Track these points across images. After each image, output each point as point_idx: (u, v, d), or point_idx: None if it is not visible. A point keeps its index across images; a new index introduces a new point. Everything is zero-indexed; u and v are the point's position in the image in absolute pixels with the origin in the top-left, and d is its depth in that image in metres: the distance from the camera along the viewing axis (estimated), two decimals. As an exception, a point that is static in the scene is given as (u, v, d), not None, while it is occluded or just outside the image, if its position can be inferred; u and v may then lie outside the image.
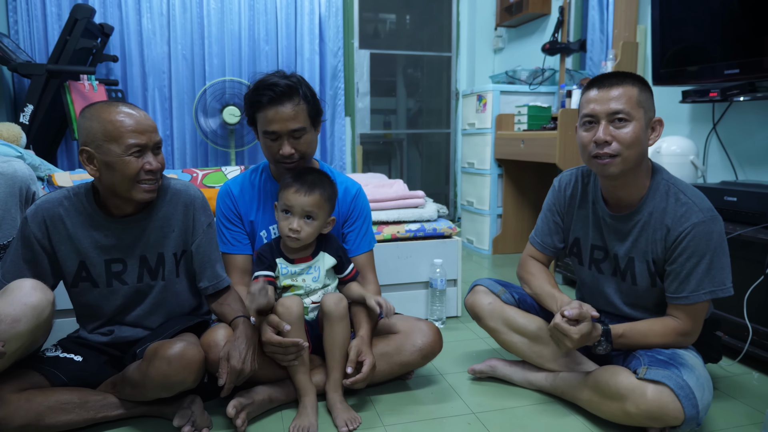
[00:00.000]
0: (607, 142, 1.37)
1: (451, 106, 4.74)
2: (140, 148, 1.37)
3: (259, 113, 1.57)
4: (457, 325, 2.29)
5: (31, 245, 1.44)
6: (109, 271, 1.49)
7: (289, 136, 1.56)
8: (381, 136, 5.06)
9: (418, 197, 2.41)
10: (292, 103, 1.55)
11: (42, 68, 3.15)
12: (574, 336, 1.35)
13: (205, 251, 1.55)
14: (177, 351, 1.33)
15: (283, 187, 1.56)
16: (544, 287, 1.61)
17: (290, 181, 1.55)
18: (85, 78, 3.28)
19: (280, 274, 1.57)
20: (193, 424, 1.42)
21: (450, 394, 1.69)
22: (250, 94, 1.57)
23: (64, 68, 3.19)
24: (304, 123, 1.57)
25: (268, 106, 1.54)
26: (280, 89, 1.53)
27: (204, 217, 1.56)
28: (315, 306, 1.60)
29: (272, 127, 1.55)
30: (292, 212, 1.54)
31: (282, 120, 1.54)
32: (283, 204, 1.55)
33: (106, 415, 1.45)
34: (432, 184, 4.97)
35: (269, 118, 1.55)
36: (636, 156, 1.37)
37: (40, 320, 1.31)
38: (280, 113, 1.54)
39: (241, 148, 3.89)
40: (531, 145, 3.09)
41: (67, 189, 1.49)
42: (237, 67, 3.94)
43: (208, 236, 1.56)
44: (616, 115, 1.36)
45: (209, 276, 1.56)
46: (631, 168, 1.39)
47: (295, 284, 1.57)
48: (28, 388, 1.37)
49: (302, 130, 1.57)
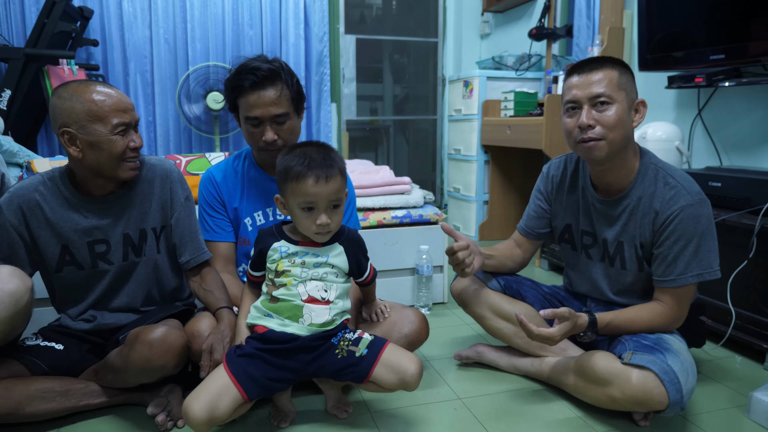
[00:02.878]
0: (591, 126, 1.37)
1: (438, 92, 4.71)
2: (125, 127, 1.37)
3: (241, 98, 1.53)
4: (444, 312, 2.28)
5: (7, 233, 1.40)
6: (93, 253, 1.46)
7: (272, 121, 1.53)
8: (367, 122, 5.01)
9: (405, 183, 2.38)
10: (275, 88, 1.51)
11: (19, 52, 3.06)
12: (557, 338, 1.36)
13: (185, 224, 1.53)
14: (159, 335, 1.31)
15: (292, 179, 1.29)
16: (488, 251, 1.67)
17: (302, 171, 1.28)
18: (64, 62, 3.19)
19: (279, 258, 1.35)
20: (169, 413, 1.41)
21: (436, 380, 1.68)
22: (232, 79, 1.53)
23: (42, 52, 3.10)
24: (287, 108, 1.54)
25: (250, 91, 1.50)
26: (262, 73, 1.49)
27: (181, 191, 1.54)
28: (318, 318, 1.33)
29: (254, 113, 1.51)
30: (317, 207, 1.29)
31: (264, 105, 1.50)
32: (302, 201, 1.29)
33: (88, 403, 1.43)
34: (419, 171, 4.95)
35: (251, 103, 1.51)
36: (621, 138, 1.37)
37: (19, 307, 1.28)
38: (262, 98, 1.50)
39: (225, 135, 3.83)
40: (517, 132, 3.07)
41: (41, 174, 1.45)
42: (221, 52, 3.86)
43: (187, 209, 1.54)
44: (597, 98, 1.36)
45: (190, 249, 1.54)
46: (617, 151, 1.39)
47: (291, 269, 1.32)
48: (7, 377, 1.34)
49: (285, 116, 1.54)
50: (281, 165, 1.33)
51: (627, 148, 1.41)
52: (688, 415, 1.46)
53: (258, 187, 1.67)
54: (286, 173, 1.30)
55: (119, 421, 1.44)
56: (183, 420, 1.39)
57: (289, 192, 1.31)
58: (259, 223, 1.67)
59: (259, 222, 1.68)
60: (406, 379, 1.30)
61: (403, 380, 1.30)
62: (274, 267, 1.33)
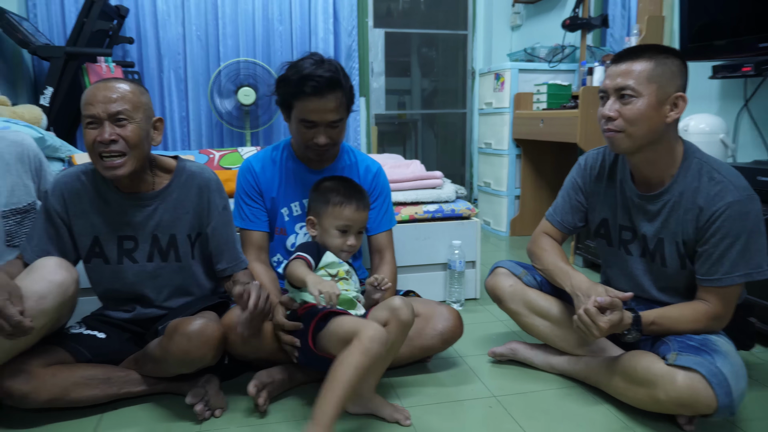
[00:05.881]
0: (611, 117, 1.35)
1: (467, 86, 4.64)
2: (92, 119, 1.33)
3: (299, 101, 1.53)
4: (476, 308, 2.25)
5: (52, 219, 1.45)
6: (121, 248, 1.48)
7: (327, 126, 1.54)
8: (395, 116, 4.98)
9: (436, 177, 2.35)
10: (334, 96, 1.52)
11: (60, 51, 3.12)
12: (604, 325, 1.30)
13: (222, 233, 1.53)
14: (197, 327, 1.32)
15: (335, 204, 1.51)
16: (557, 263, 1.56)
17: (344, 199, 1.52)
18: (102, 60, 3.25)
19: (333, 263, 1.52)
20: (206, 403, 1.42)
21: (470, 376, 1.66)
22: (293, 82, 1.51)
23: (81, 50, 3.16)
24: (343, 114, 1.56)
25: (311, 97, 1.50)
26: (324, 81, 1.49)
27: (219, 200, 1.54)
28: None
29: (312, 117, 1.53)
30: (350, 230, 1.52)
31: (323, 112, 1.52)
32: (342, 224, 1.51)
33: (129, 391, 1.46)
34: (447, 165, 4.89)
35: (310, 108, 1.52)
36: (644, 133, 1.33)
37: (65, 297, 1.33)
38: (322, 105, 1.51)
39: (256, 129, 3.84)
40: (551, 125, 3.01)
41: (84, 164, 1.49)
42: (251, 48, 3.88)
43: (224, 218, 1.54)
44: (622, 90, 1.33)
45: (227, 258, 1.55)
46: (642, 145, 1.35)
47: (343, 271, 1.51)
48: (54, 363, 1.38)
49: (340, 121, 1.56)
50: (322, 193, 1.54)
51: (658, 143, 1.36)
52: (737, 421, 1.40)
53: (296, 178, 1.68)
54: (327, 201, 1.52)
55: (158, 408, 1.47)
56: (220, 410, 1.42)
57: (327, 214, 1.52)
58: (295, 214, 1.68)
59: (296, 213, 1.68)
60: (391, 305, 1.38)
61: (391, 306, 1.38)
62: (335, 271, 1.49)
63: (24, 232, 1.52)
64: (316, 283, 1.33)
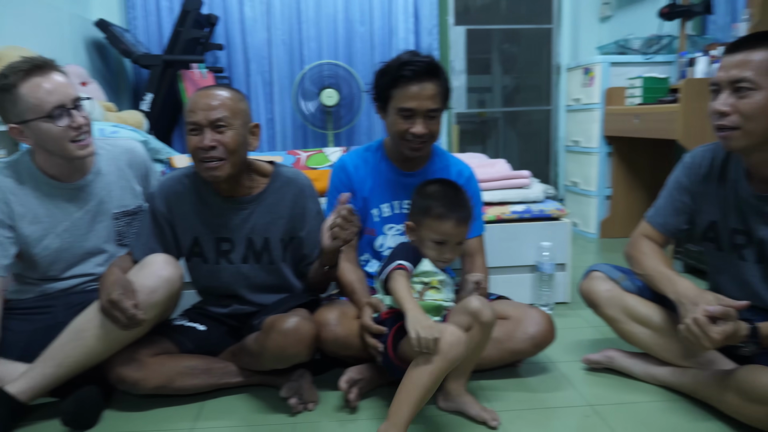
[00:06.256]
0: (725, 113, 1.25)
1: (552, 82, 4.50)
2: (194, 126, 1.41)
3: (398, 89, 1.53)
4: (566, 312, 2.18)
5: (157, 219, 1.55)
6: (218, 249, 1.56)
7: (425, 115, 1.54)
8: (476, 114, 4.93)
9: (524, 177, 2.30)
10: (433, 83, 1.53)
11: (159, 59, 3.35)
12: (716, 337, 1.20)
13: (315, 237, 1.57)
14: (292, 325, 1.37)
15: (434, 217, 1.42)
16: (659, 268, 1.46)
17: (445, 212, 1.42)
18: (195, 66, 3.44)
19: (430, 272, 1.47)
20: (300, 396, 1.47)
21: (562, 383, 1.61)
22: (392, 69, 1.54)
23: (177, 58, 3.37)
24: (440, 104, 1.56)
25: (411, 82, 1.51)
26: (423, 65, 1.51)
27: (313, 205, 1.59)
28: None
29: (410, 104, 1.52)
30: (448, 244, 1.45)
31: (422, 98, 1.52)
32: (439, 238, 1.44)
33: (227, 382, 1.55)
34: (530, 164, 4.75)
35: (409, 94, 1.52)
36: (764, 129, 1.23)
37: (172, 291, 1.43)
38: (420, 91, 1.52)
39: (338, 130, 3.93)
40: (647, 121, 2.86)
41: (187, 167, 1.59)
42: (333, 50, 3.97)
43: (318, 223, 1.58)
44: (737, 83, 1.23)
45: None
46: (761, 143, 1.25)
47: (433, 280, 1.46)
48: (160, 353, 1.49)
49: (437, 111, 1.56)
50: (423, 199, 1.47)
51: None
52: None
53: (388, 179, 1.70)
54: (427, 210, 1.44)
55: (254, 399, 1.54)
56: (313, 404, 1.47)
57: (426, 226, 1.45)
58: (385, 215, 1.70)
59: (386, 214, 1.71)
60: (471, 308, 1.35)
61: (471, 310, 1.35)
62: (429, 280, 1.45)
63: (132, 232, 1.63)
64: (415, 322, 1.26)
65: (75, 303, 1.51)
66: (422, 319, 1.27)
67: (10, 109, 1.40)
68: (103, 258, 1.59)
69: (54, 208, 1.52)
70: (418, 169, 1.71)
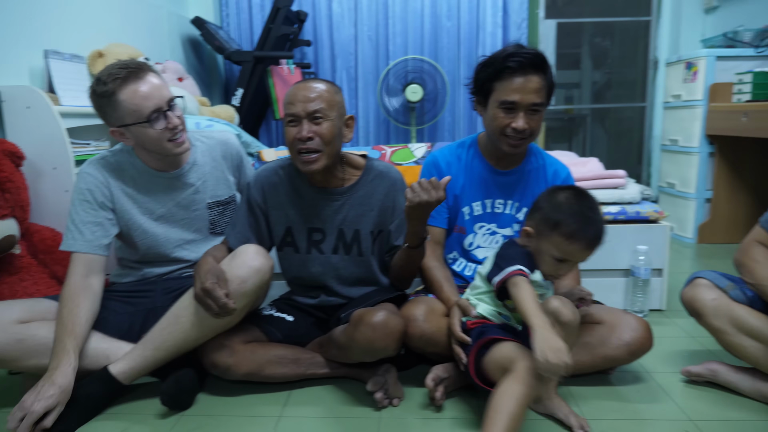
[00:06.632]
0: None
1: (648, 77, 4.27)
2: (293, 117, 1.47)
3: (501, 81, 1.51)
4: (662, 320, 2.07)
5: (252, 209, 1.61)
6: (310, 239, 1.61)
7: (527, 109, 1.51)
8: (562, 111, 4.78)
9: (618, 177, 2.21)
10: (539, 76, 1.49)
11: (250, 55, 3.49)
12: None
13: (404, 230, 1.57)
14: (381, 319, 1.39)
15: (563, 235, 1.30)
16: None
17: (576, 232, 1.30)
18: (284, 62, 3.57)
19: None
20: (385, 391, 1.48)
21: (659, 395, 1.53)
22: (497, 60, 1.52)
23: (268, 54, 3.51)
24: (544, 99, 1.52)
25: (516, 73, 1.48)
26: (529, 57, 1.48)
27: (403, 199, 1.59)
28: None
29: (513, 97, 1.49)
30: (569, 262, 1.36)
31: (527, 91, 1.48)
32: (563, 255, 1.33)
33: (314, 372, 1.59)
34: (620, 164, 4.54)
35: (514, 86, 1.49)
36: None
37: (262, 281, 1.48)
38: (525, 84, 1.48)
39: (421, 126, 3.94)
40: (757, 119, 2.65)
41: (282, 159, 1.65)
42: (419, 45, 3.98)
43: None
44: None
45: None
46: None
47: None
48: (251, 341, 1.55)
49: (541, 106, 1.52)
50: (552, 212, 1.33)
51: None
52: None
53: (480, 177, 1.68)
54: (556, 225, 1.31)
55: (340, 391, 1.58)
56: (398, 399, 1.48)
57: (550, 240, 1.33)
58: (476, 213, 1.69)
59: (477, 212, 1.69)
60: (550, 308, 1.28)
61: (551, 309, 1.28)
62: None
63: (225, 221, 1.71)
64: (544, 342, 1.13)
65: (173, 288, 1.61)
66: (552, 339, 1.13)
67: (110, 114, 1.49)
68: (197, 246, 1.67)
69: (151, 195, 1.61)
70: (513, 167, 1.68)
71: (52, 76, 2.19)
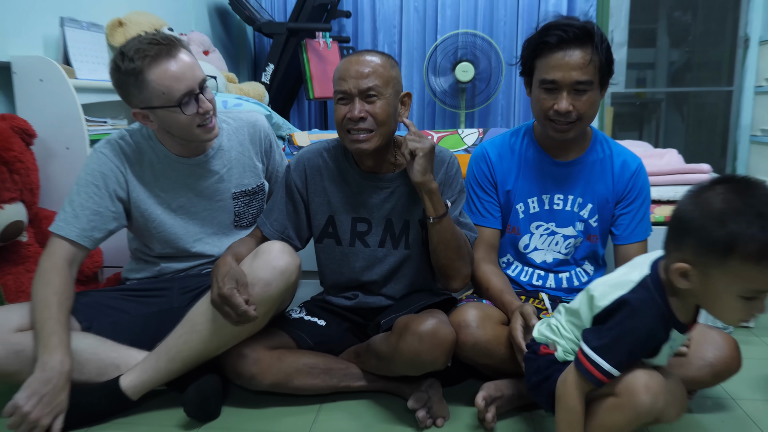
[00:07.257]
0: None
1: (737, 57, 4.10)
2: (344, 95, 1.45)
3: (541, 59, 1.49)
4: (750, 338, 1.98)
5: (292, 194, 1.59)
6: (354, 230, 1.58)
7: (571, 89, 1.46)
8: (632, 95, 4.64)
9: (703, 171, 2.11)
10: (583, 51, 1.44)
11: (283, 27, 3.50)
12: None
13: (455, 217, 1.54)
14: (429, 328, 1.35)
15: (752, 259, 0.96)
16: None
17: None
18: (320, 36, 3.56)
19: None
20: (429, 410, 1.45)
21: (747, 426, 1.46)
22: (535, 37, 1.50)
23: (303, 26, 3.50)
24: (592, 77, 1.46)
25: (555, 49, 1.45)
26: (572, 30, 1.44)
27: (456, 183, 1.57)
28: None
29: (552, 75, 1.46)
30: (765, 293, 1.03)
31: (567, 68, 1.45)
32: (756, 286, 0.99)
33: (348, 385, 1.56)
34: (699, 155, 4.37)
35: (552, 63, 1.46)
36: None
37: (289, 283, 1.45)
38: (567, 59, 1.45)
39: (471, 110, 3.88)
40: None
41: (327, 141, 1.63)
42: (472, 18, 3.92)
43: (460, 201, 1.56)
44: None
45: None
46: None
47: None
48: (278, 347, 1.53)
49: (588, 84, 1.46)
50: (716, 226, 0.98)
51: None
52: None
53: (536, 170, 1.63)
54: (733, 245, 0.96)
55: (377, 407, 1.54)
56: (442, 419, 1.45)
57: (727, 273, 0.99)
58: (532, 211, 1.64)
59: (533, 210, 1.64)
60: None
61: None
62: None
63: (251, 213, 1.70)
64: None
65: (191, 287, 1.61)
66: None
67: (134, 94, 1.47)
68: (220, 240, 1.66)
69: (170, 182, 1.61)
70: (575, 157, 1.62)
71: (68, 46, 2.20)
